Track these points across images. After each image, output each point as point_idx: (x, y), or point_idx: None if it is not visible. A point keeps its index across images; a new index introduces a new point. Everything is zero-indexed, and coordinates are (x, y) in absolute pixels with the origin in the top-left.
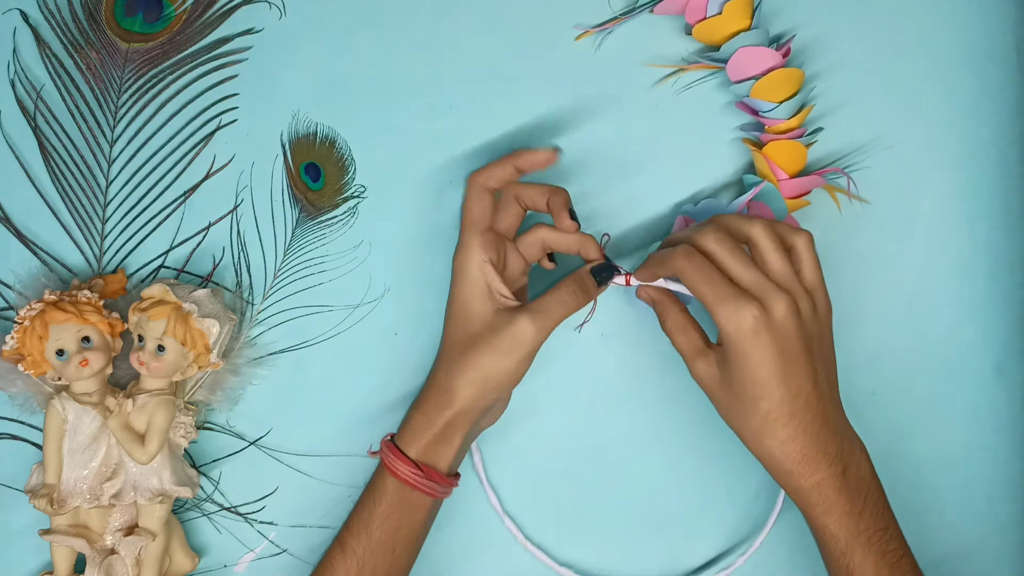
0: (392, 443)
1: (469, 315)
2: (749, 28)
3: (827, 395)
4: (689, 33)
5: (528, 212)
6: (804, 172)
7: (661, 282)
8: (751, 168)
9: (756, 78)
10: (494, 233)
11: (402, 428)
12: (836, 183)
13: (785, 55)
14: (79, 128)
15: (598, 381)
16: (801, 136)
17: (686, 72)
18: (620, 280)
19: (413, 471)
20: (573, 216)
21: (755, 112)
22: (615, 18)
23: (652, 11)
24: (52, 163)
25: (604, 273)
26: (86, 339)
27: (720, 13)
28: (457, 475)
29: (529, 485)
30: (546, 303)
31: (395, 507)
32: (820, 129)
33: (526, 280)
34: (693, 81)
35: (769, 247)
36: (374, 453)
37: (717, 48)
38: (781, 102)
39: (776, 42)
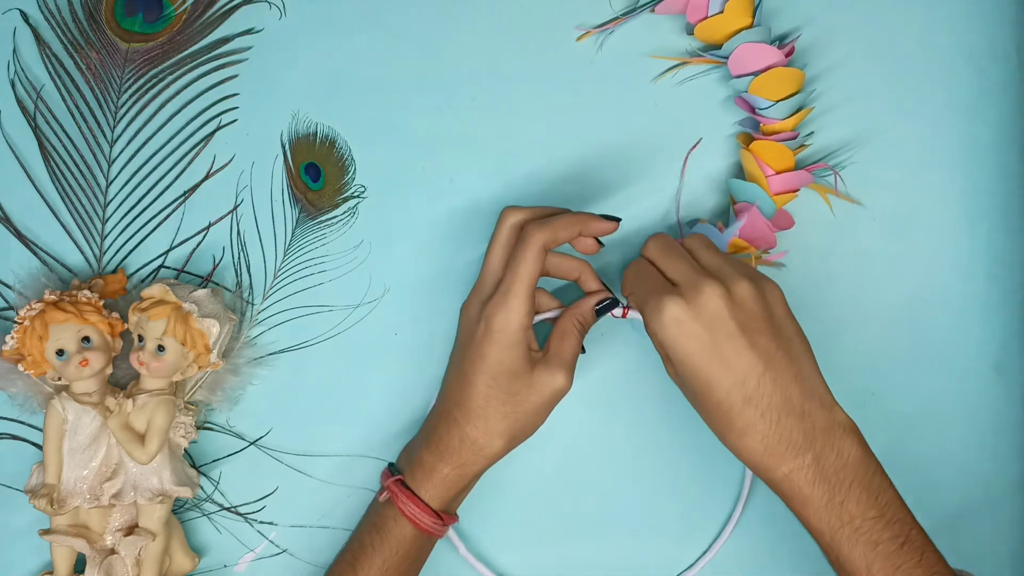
0: (412, 493)
1: (510, 375)
2: (751, 26)
3: (788, 376)
4: (690, 33)
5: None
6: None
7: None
8: (738, 166)
9: (756, 74)
10: (533, 293)
11: (422, 475)
12: (826, 181)
13: (788, 54)
14: (79, 128)
15: (586, 386)
16: (793, 139)
17: (688, 65)
18: (617, 312)
19: (435, 521)
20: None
21: (752, 109)
22: (616, 18)
23: (653, 11)
24: (52, 163)
25: (607, 308)
26: (86, 339)
27: (722, 12)
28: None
29: (509, 497)
30: (565, 351)
31: (411, 553)
32: (811, 133)
33: None
34: (694, 74)
35: (700, 245)
36: (385, 497)
37: (719, 47)
38: (779, 101)
39: (780, 41)
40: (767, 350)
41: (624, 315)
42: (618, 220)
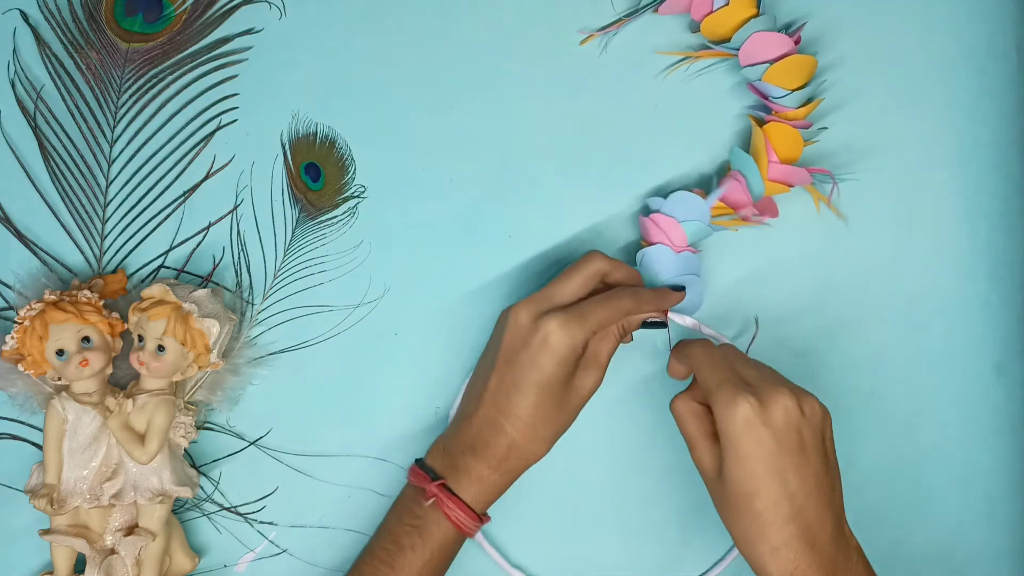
0: (457, 497)
1: (561, 385)
2: (757, 16)
3: (827, 501)
4: (695, 31)
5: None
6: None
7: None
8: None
9: (768, 63)
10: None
11: (468, 482)
12: (822, 188)
13: (796, 43)
14: (79, 128)
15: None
16: (807, 129)
17: (696, 60)
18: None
19: (476, 524)
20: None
21: (765, 97)
22: (619, 20)
23: (656, 11)
24: (52, 163)
25: (656, 324)
26: (86, 339)
27: (727, 4)
28: None
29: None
30: (601, 351)
31: (449, 554)
32: (824, 128)
33: None
34: (699, 70)
35: (759, 363)
36: (431, 501)
37: (725, 42)
38: (793, 90)
39: (786, 30)
40: (818, 471)
41: (665, 319)
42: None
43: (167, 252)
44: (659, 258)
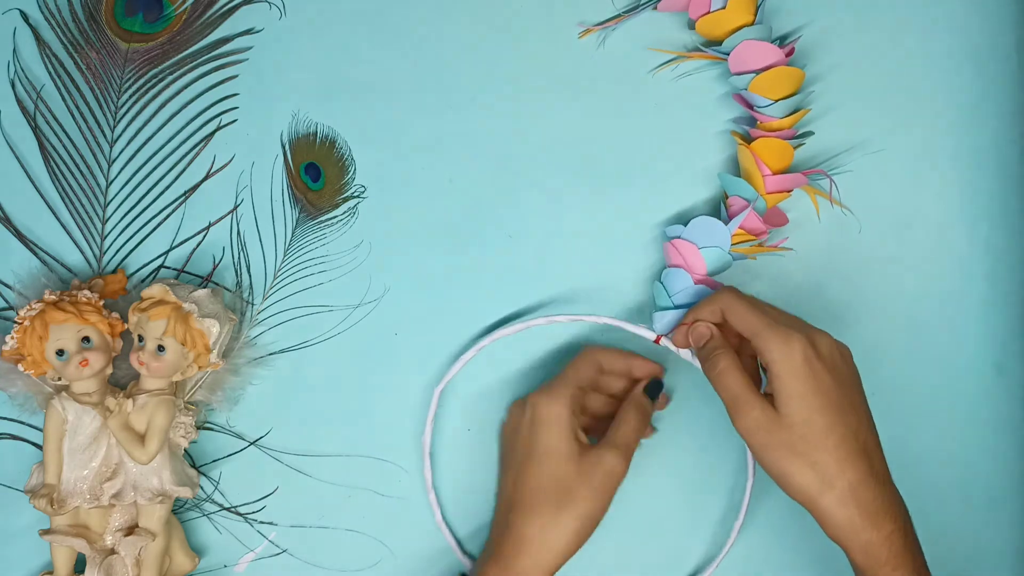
0: None
1: (559, 458)
2: (753, 23)
3: (876, 438)
4: (693, 28)
5: None
6: (789, 171)
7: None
8: (734, 161)
9: (756, 72)
10: (581, 391)
11: None
12: (818, 184)
13: (788, 54)
14: (79, 128)
15: None
16: (791, 137)
17: (687, 60)
18: (651, 336)
19: None
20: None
21: (750, 106)
22: (618, 15)
23: (656, 8)
24: (52, 163)
25: (655, 390)
26: (86, 339)
27: (724, 7)
28: None
29: None
30: (624, 436)
31: None
32: (811, 133)
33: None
34: (692, 70)
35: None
36: None
37: (719, 44)
38: (778, 100)
39: (781, 41)
40: (866, 405)
41: (657, 341)
42: (661, 386)
43: (167, 252)
44: (676, 281)
